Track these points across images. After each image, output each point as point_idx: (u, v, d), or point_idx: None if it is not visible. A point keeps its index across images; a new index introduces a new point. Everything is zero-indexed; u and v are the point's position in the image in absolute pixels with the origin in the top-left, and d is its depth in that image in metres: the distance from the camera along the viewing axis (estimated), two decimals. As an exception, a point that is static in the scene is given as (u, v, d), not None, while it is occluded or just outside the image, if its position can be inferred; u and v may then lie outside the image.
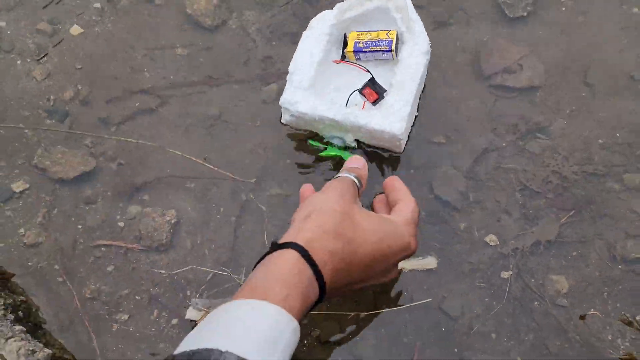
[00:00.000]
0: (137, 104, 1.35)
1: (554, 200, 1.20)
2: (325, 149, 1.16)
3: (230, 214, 1.22)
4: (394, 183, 0.92)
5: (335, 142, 1.16)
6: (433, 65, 1.32)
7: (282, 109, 1.17)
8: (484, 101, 1.31)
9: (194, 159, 1.25)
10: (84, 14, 1.48)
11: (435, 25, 1.40)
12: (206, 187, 1.24)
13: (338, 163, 1.20)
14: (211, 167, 1.24)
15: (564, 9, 1.41)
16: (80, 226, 1.23)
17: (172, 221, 1.19)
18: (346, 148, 1.17)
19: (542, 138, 1.26)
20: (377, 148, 1.20)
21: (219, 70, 1.39)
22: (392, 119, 1.08)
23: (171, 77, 1.39)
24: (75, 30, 1.45)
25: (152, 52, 1.42)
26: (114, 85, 1.38)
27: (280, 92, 1.34)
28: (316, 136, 1.21)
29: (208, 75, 1.39)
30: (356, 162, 0.92)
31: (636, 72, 1.31)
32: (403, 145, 1.16)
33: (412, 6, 1.24)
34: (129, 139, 1.28)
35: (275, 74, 1.37)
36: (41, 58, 1.42)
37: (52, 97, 1.37)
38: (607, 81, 1.31)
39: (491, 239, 1.17)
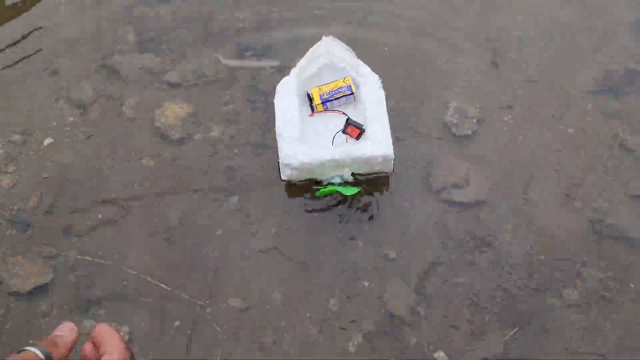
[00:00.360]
0: (100, 216, 1.39)
1: (499, 315, 1.24)
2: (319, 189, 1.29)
3: (184, 329, 1.23)
4: (100, 333, 0.74)
5: (335, 180, 1.29)
6: (386, 179, 1.41)
7: (282, 167, 1.29)
8: (434, 215, 1.39)
9: (149, 279, 1.27)
10: (57, 125, 1.55)
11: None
12: (161, 302, 1.26)
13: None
14: (164, 286, 1.27)
15: (505, 128, 1.53)
16: (31, 341, 1.22)
17: (125, 337, 1.20)
18: (345, 183, 1.30)
19: (488, 252, 1.33)
20: (370, 174, 1.35)
21: (182, 180, 1.45)
22: (381, 144, 1.27)
23: (136, 187, 1.44)
24: (47, 141, 1.52)
25: (119, 163, 1.49)
26: (79, 195, 1.43)
27: (241, 201, 1.41)
28: (316, 184, 1.34)
29: (171, 186, 1.45)
30: (60, 329, 0.74)
31: (571, 190, 1.41)
32: (392, 167, 1.31)
33: (354, 53, 1.46)
34: (87, 257, 1.31)
35: (237, 185, 1.44)
36: (9, 167, 1.47)
37: (16, 206, 1.40)
38: (545, 197, 1.41)
39: (440, 355, 1.20)
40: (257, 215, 1.38)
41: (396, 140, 1.49)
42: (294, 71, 1.45)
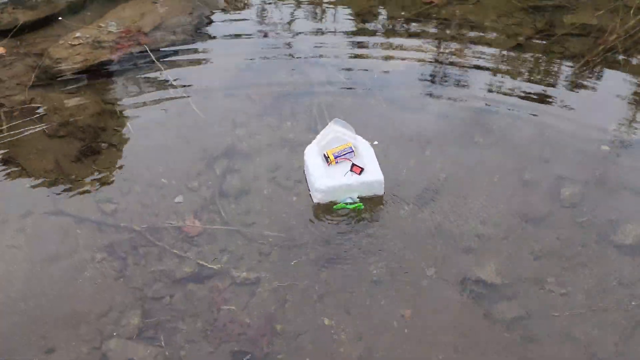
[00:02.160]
0: None
1: None
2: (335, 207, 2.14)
3: None
4: None
5: (347, 201, 2.13)
6: None
7: (314, 193, 2.15)
8: None
9: None
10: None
11: None
12: None
13: None
14: None
15: None
16: None
17: None
18: (352, 203, 2.14)
19: None
20: (369, 197, 2.17)
21: None
22: (376, 174, 2.16)
23: None
24: None
25: None
26: None
27: None
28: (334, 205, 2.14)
29: None
30: None
31: None
32: (383, 190, 2.19)
33: (352, 128, 2.29)
34: None
35: None
36: None
37: None
38: None
39: None
40: None
41: None
42: (314, 142, 2.30)
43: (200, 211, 2.14)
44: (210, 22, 3.42)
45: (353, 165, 2.17)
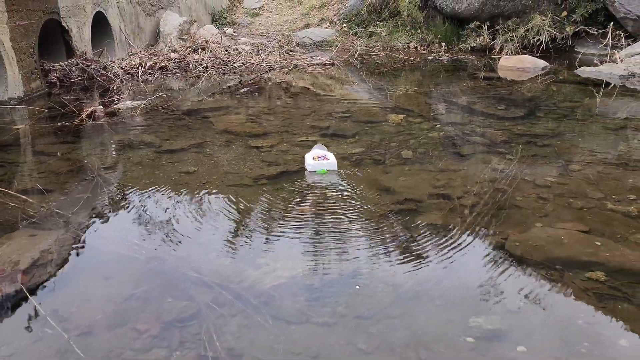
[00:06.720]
0: None
1: None
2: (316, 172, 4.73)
3: None
4: None
5: (322, 169, 4.68)
6: None
7: (308, 165, 4.75)
8: None
9: None
10: None
11: None
12: None
13: None
14: None
15: None
16: None
17: None
18: (323, 172, 4.60)
19: None
20: (331, 169, 4.64)
21: None
22: (332, 160, 4.79)
23: None
24: None
25: None
26: None
27: None
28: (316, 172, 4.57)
29: None
30: None
31: None
32: (336, 167, 4.75)
33: (325, 148, 4.91)
34: None
35: None
36: None
37: None
38: None
39: None
40: None
41: None
42: (309, 153, 4.80)
43: None
44: (90, 244, 3.46)
45: (324, 157, 4.65)
